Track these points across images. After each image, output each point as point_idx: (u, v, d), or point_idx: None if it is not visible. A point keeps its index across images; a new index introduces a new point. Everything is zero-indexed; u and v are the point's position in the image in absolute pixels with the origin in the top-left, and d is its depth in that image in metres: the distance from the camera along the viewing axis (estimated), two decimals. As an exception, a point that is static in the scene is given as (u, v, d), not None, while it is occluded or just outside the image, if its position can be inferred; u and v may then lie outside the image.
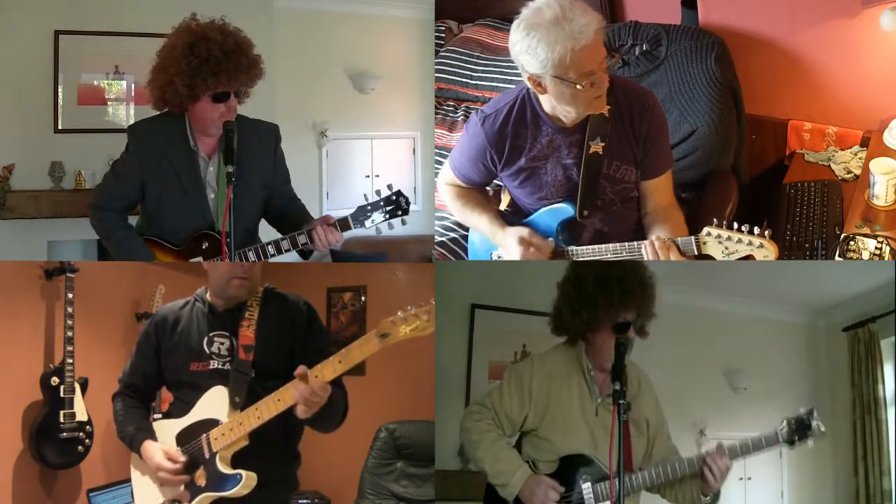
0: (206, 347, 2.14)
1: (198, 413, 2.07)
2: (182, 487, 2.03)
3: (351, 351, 1.93)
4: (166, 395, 2.29)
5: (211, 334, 2.15)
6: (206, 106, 2.53)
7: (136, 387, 2.28)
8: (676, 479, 2.11)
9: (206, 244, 2.62)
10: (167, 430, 2.10)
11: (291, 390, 1.94)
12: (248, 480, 1.94)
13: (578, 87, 2.25)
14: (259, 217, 2.77)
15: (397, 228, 5.85)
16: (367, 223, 2.63)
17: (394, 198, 2.62)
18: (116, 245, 2.65)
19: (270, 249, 2.58)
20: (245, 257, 2.54)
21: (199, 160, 2.63)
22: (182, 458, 2.05)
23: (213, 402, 2.04)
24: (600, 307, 2.11)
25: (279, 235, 2.65)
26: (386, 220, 2.63)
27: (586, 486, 2.08)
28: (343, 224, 2.62)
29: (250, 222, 2.71)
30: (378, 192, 2.63)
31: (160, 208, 2.63)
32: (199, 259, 2.63)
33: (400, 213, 2.63)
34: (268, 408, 1.98)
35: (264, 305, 2.16)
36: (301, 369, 1.93)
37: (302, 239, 2.58)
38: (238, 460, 2.01)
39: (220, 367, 2.11)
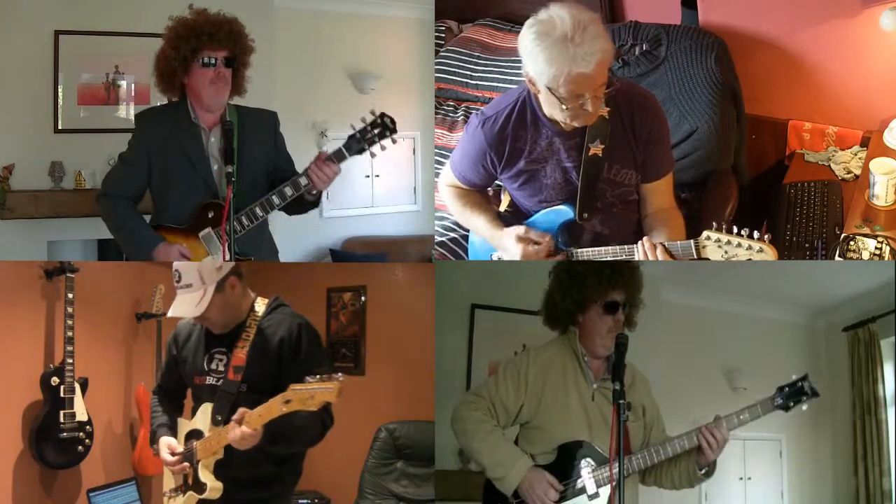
0: (205, 364, 2.26)
1: (195, 422, 2.24)
2: (182, 480, 2.23)
3: (267, 408, 2.02)
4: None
5: (212, 351, 2.26)
6: (196, 74, 2.65)
7: (163, 388, 2.45)
8: (672, 460, 2.12)
9: (212, 213, 2.67)
10: (183, 427, 2.30)
11: (229, 429, 2.07)
12: (212, 491, 2.13)
13: (564, 107, 2.27)
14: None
15: (397, 228, 5.86)
16: (360, 150, 2.69)
17: (379, 120, 2.69)
18: (128, 234, 2.71)
19: (275, 200, 2.66)
20: (252, 213, 2.64)
21: (201, 132, 2.72)
22: (179, 450, 2.24)
23: (203, 417, 2.21)
24: (590, 285, 2.14)
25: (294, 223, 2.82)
26: (378, 142, 2.69)
27: (587, 472, 2.08)
28: (338, 155, 2.69)
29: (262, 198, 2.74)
30: (363, 119, 2.69)
31: (166, 185, 2.72)
32: (208, 230, 2.69)
33: (388, 133, 2.69)
34: (222, 437, 2.12)
35: (261, 329, 2.22)
36: (239, 414, 2.05)
37: (303, 181, 2.66)
38: (220, 464, 2.17)
39: (214, 383, 2.23)
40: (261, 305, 2.26)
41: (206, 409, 2.21)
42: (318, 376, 1.97)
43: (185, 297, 2.14)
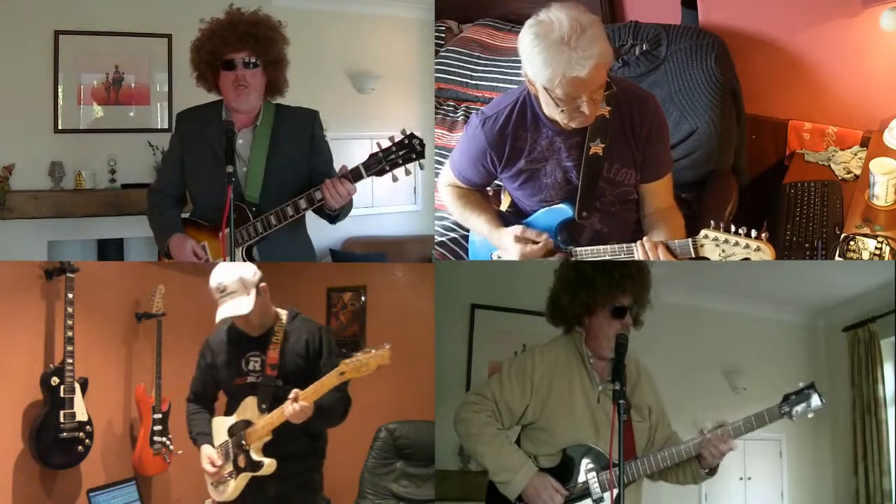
0: (244, 366, 2.54)
1: (239, 415, 2.53)
2: (231, 466, 2.51)
3: (322, 383, 2.37)
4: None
5: (248, 355, 2.54)
6: (221, 77, 2.69)
7: (198, 393, 2.69)
8: (677, 463, 2.12)
9: (235, 214, 2.62)
10: (222, 424, 2.57)
11: (287, 407, 2.37)
12: (268, 467, 2.48)
13: (561, 108, 2.27)
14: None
15: (397, 228, 5.85)
16: (380, 171, 2.59)
17: (406, 141, 2.56)
18: (154, 221, 2.83)
19: (289, 210, 2.65)
20: (267, 221, 2.65)
21: (231, 133, 2.70)
22: (219, 463, 2.52)
23: (248, 409, 2.51)
24: (599, 290, 2.12)
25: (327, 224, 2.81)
26: (402, 165, 2.58)
27: (591, 476, 2.08)
28: (355, 174, 2.61)
29: (286, 201, 2.73)
30: (391, 138, 2.58)
31: (198, 183, 2.78)
32: (229, 230, 2.67)
33: (415, 156, 2.57)
34: (276, 418, 2.44)
35: (288, 333, 2.55)
36: (293, 393, 2.37)
37: (317, 195, 2.63)
38: (267, 444, 2.49)
39: (254, 381, 2.52)
40: (283, 314, 2.58)
41: (250, 402, 2.51)
42: (368, 349, 2.35)
43: (232, 302, 2.42)
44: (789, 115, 3.34)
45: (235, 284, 2.42)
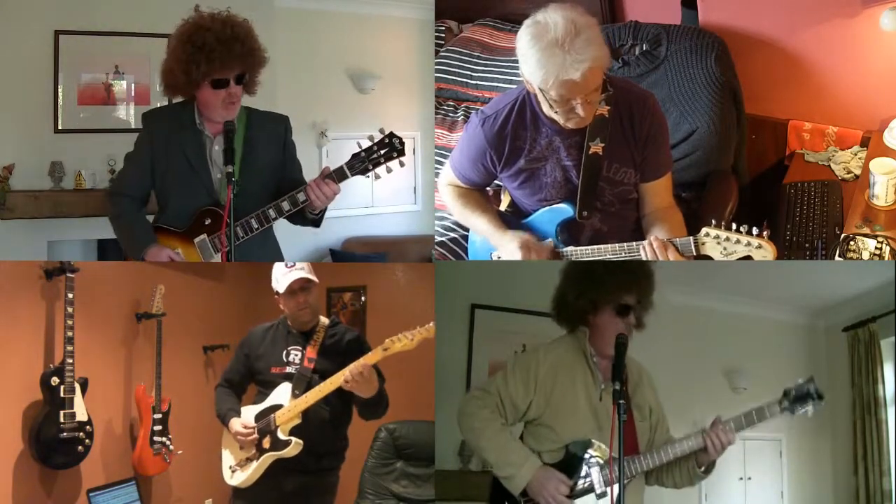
0: (284, 357, 2.70)
1: (270, 400, 2.68)
2: (254, 449, 2.62)
3: (367, 357, 2.54)
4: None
5: (289, 348, 2.71)
6: (207, 93, 2.61)
7: (231, 381, 2.81)
8: (675, 460, 2.13)
9: (209, 220, 2.67)
10: (250, 412, 2.72)
11: (343, 373, 2.52)
12: (295, 445, 2.58)
13: (555, 110, 2.27)
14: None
15: (398, 228, 5.85)
16: (364, 170, 2.65)
17: (387, 140, 2.63)
18: (124, 231, 2.75)
19: (271, 213, 2.64)
20: (248, 224, 2.62)
21: (205, 139, 2.69)
22: (253, 426, 2.64)
23: (281, 393, 2.67)
24: (605, 287, 2.13)
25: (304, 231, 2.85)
26: (383, 163, 2.64)
27: (594, 471, 2.08)
28: (339, 174, 2.63)
29: (259, 209, 2.71)
30: (370, 138, 2.64)
31: (168, 187, 2.71)
32: (204, 237, 2.68)
33: (395, 154, 2.64)
34: (315, 394, 2.58)
35: (327, 336, 2.72)
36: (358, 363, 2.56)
37: (301, 197, 2.62)
38: (296, 435, 2.61)
39: (291, 371, 2.68)
40: (324, 320, 2.75)
41: (285, 387, 2.66)
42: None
43: (298, 272, 2.63)
44: (789, 115, 3.34)
45: (303, 264, 2.68)
